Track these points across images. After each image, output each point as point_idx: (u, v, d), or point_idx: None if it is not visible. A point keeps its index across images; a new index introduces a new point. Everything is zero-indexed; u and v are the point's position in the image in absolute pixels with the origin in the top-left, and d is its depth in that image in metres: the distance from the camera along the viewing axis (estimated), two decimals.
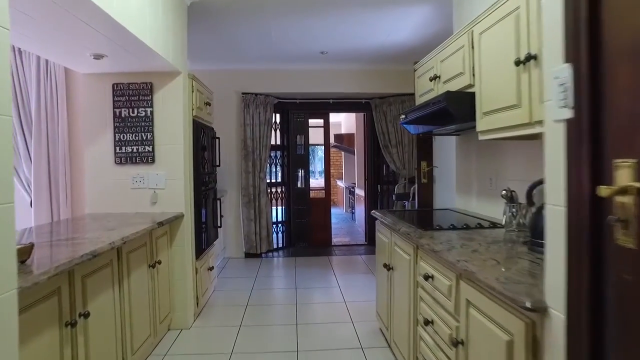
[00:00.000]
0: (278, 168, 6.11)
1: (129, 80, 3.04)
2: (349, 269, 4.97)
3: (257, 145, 5.55)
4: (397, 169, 5.81)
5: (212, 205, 3.91)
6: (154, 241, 2.69)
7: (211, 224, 3.87)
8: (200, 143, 3.44)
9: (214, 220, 3.95)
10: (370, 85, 5.63)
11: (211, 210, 3.86)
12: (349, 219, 10.11)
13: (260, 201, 5.60)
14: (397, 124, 5.74)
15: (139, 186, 3.06)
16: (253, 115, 5.52)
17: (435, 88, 2.63)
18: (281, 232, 6.16)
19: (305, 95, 5.80)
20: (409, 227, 2.23)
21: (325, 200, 6.36)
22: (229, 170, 5.56)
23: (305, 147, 6.15)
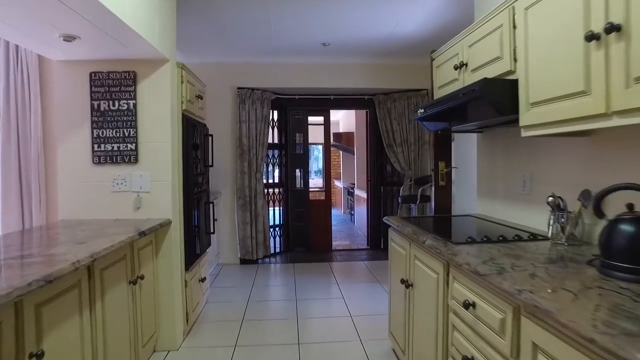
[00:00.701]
0: (275, 168, 5.76)
1: (109, 69, 2.67)
2: (352, 277, 4.63)
3: (253, 143, 5.19)
4: (402, 170, 5.47)
5: (205, 209, 3.55)
6: (136, 253, 2.33)
7: (203, 230, 3.51)
8: (191, 141, 3.08)
9: (206, 225, 3.59)
10: (374, 81, 5.29)
11: (203, 215, 3.50)
12: (348, 220, 9.77)
13: (256, 203, 5.24)
14: (402, 121, 5.40)
15: (120, 189, 2.70)
16: (249, 111, 5.16)
17: (461, 78, 2.29)
18: (279, 236, 5.80)
19: (304, 90, 5.45)
20: (435, 240, 1.89)
21: (325, 202, 6.02)
22: (223, 170, 5.20)
23: (304, 146, 5.80)
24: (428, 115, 2.43)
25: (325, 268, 5.01)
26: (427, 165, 5.38)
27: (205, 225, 3.55)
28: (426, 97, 5.32)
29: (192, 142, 3.10)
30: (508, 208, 2.46)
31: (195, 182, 3.20)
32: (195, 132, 3.24)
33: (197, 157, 3.31)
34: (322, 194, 6.04)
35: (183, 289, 2.91)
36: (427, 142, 5.34)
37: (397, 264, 2.50)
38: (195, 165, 3.23)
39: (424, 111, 2.45)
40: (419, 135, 5.37)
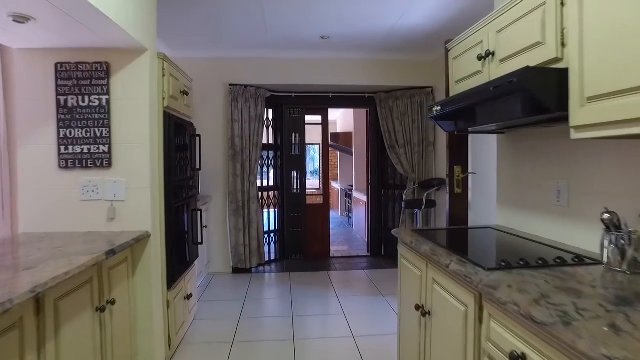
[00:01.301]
0: (270, 170, 5.42)
1: (78, 59, 2.32)
2: (353, 288, 4.30)
3: (246, 144, 4.84)
4: (405, 172, 5.15)
5: (192, 217, 3.20)
6: (105, 274, 1.99)
7: (190, 240, 3.17)
8: (175, 141, 2.74)
9: (193, 236, 3.24)
10: (375, 77, 4.96)
11: (190, 224, 3.16)
12: (345, 223, 9.44)
13: (250, 208, 4.89)
14: (406, 121, 5.08)
15: (91, 197, 2.35)
16: (242, 110, 4.82)
17: (486, 69, 1.96)
18: (274, 243, 5.46)
19: (301, 88, 5.11)
20: (461, 264, 1.56)
21: (323, 206, 5.68)
22: (214, 173, 4.85)
23: (301, 147, 5.46)
24: (445, 113, 2.10)
25: (323, 278, 4.68)
26: (432, 168, 5.05)
27: (192, 236, 3.20)
28: (431, 95, 5.00)
29: (175, 143, 2.76)
30: (536, 221, 2.13)
31: (180, 188, 2.86)
32: (180, 132, 2.90)
33: (182, 160, 2.97)
34: (320, 198, 5.71)
35: (165, 311, 2.56)
36: (432, 144, 5.02)
37: (410, 285, 2.17)
38: (180, 169, 2.89)
39: (440, 109, 2.12)
40: (424, 136, 5.05)
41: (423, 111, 5.03)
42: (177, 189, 2.80)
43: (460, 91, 2.14)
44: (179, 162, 2.90)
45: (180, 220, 2.89)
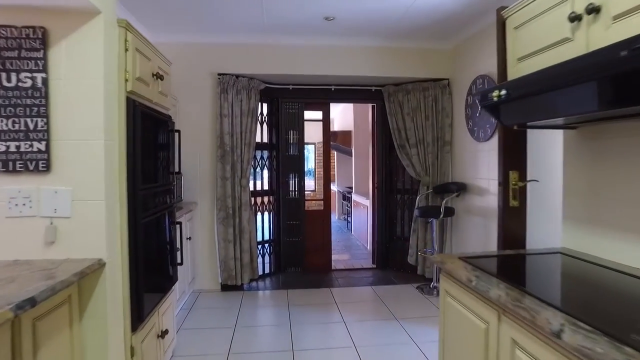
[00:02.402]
0: (264, 172, 4.79)
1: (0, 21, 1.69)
2: (361, 310, 3.70)
3: (237, 142, 4.22)
4: (417, 175, 4.56)
5: (169, 233, 2.58)
6: (28, 329, 1.36)
7: (168, 261, 2.54)
8: (145, 138, 2.11)
9: (170, 256, 2.61)
10: (384, 67, 4.36)
11: (166, 242, 2.53)
12: (344, 228, 8.85)
13: (241, 216, 4.27)
14: (418, 117, 4.49)
15: (21, 213, 1.71)
16: (232, 103, 4.19)
17: (581, 36, 1.37)
18: (268, 255, 4.83)
19: (300, 79, 4.50)
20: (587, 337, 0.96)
21: (324, 213, 5.07)
22: (200, 175, 4.21)
23: (299, 146, 4.85)
24: (511, 100, 1.51)
25: (325, 296, 4.07)
26: (449, 170, 4.47)
27: (169, 256, 2.58)
28: (447, 88, 4.41)
29: (146, 140, 2.14)
30: (630, 246, 1.55)
31: (152, 197, 2.23)
32: (152, 126, 2.27)
33: (156, 162, 2.34)
34: (320, 204, 5.10)
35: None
36: (449, 143, 4.43)
37: (464, 338, 1.57)
38: (152, 173, 2.26)
39: (505, 93, 1.52)
40: (439, 134, 4.46)
41: (438, 106, 4.44)
42: (148, 198, 2.18)
43: (530, 70, 1.55)
44: (151, 164, 2.27)
45: (151, 239, 2.26)
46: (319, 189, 11.34)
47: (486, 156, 3.68)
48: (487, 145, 3.65)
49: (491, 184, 3.59)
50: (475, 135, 3.82)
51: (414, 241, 4.58)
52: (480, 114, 3.71)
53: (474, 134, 3.85)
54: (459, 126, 4.25)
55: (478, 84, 3.74)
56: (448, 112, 4.41)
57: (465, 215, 4.09)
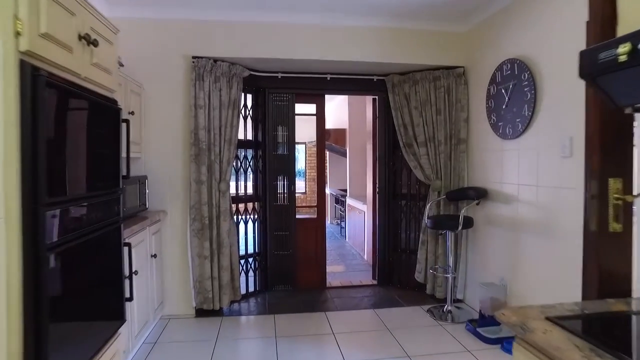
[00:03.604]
0: (249, 175, 4.11)
1: None
2: (365, 343, 3.04)
3: (215, 139, 3.53)
4: (427, 179, 3.93)
5: (114, 258, 1.89)
6: None
7: (109, 299, 1.86)
8: (63, 127, 1.43)
9: (115, 289, 1.93)
10: (388, 52, 3.72)
11: (110, 271, 1.85)
12: (337, 234, 8.19)
13: (220, 227, 3.58)
14: (428, 112, 3.85)
15: None
16: (210, 92, 3.50)
17: None
18: (253, 271, 4.15)
19: (291, 65, 3.83)
20: None
21: (317, 221, 4.41)
22: (169, 178, 3.51)
23: (289, 145, 4.18)
24: None
25: (320, 323, 3.41)
26: (464, 173, 3.84)
27: (111, 291, 1.89)
28: (462, 77, 3.78)
29: (66, 130, 1.45)
30: None
31: (76, 212, 1.55)
32: (80, 111, 1.58)
33: (91, 162, 1.66)
34: (313, 211, 4.43)
35: None
36: (464, 142, 3.80)
37: None
38: (78, 178, 1.57)
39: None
40: (452, 131, 3.82)
41: (451, 98, 3.81)
42: (68, 215, 1.49)
43: None
44: (81, 165, 1.59)
45: (78, 272, 1.58)
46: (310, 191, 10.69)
47: (515, 157, 3.06)
48: (516, 143, 3.02)
49: (522, 191, 2.97)
50: (501, 131, 3.19)
51: (423, 255, 3.94)
52: (509, 106, 3.08)
53: (499, 131, 3.22)
54: (478, 121, 3.62)
55: (505, 71, 3.12)
56: (463, 105, 3.78)
57: (486, 226, 3.46)
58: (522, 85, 2.91)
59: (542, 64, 2.71)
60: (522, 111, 2.90)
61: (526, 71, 2.85)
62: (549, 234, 2.65)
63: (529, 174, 2.88)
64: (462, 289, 3.85)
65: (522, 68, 2.89)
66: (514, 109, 3.02)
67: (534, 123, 2.82)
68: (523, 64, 2.88)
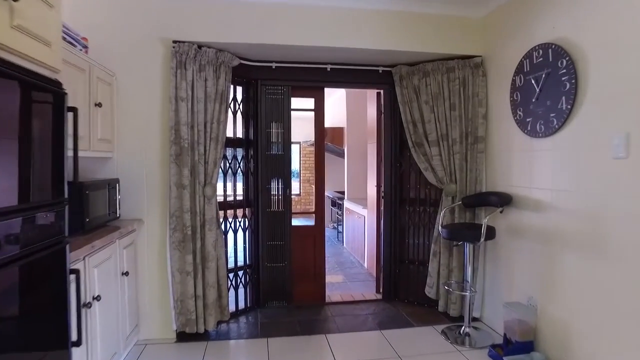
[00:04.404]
0: (238, 178, 3.65)
1: None
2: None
3: (200, 137, 3.07)
4: (439, 183, 3.49)
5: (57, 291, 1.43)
6: None
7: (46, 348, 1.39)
8: None
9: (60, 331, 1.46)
10: (396, 39, 3.28)
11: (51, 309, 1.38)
12: (333, 239, 7.75)
13: (204, 238, 3.11)
14: (440, 106, 3.42)
15: None
16: (194, 83, 3.04)
17: None
18: (243, 286, 3.68)
19: (286, 53, 3.37)
20: None
21: (316, 230, 3.95)
22: (146, 182, 3.04)
23: (284, 143, 3.73)
24: None
25: (320, 349, 2.96)
26: (482, 176, 3.41)
27: (53, 334, 1.42)
28: (481, 67, 3.35)
29: None
30: None
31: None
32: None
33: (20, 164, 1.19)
34: (311, 219, 3.97)
35: None
36: (483, 140, 3.37)
37: None
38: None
39: None
40: (468, 128, 3.39)
41: (467, 92, 3.38)
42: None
43: None
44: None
45: None
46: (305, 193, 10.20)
47: (547, 157, 2.63)
48: (550, 142, 2.60)
49: (558, 197, 2.54)
50: (530, 128, 2.77)
51: (434, 268, 3.51)
52: (540, 99, 2.65)
53: (527, 128, 2.80)
54: (499, 117, 3.20)
55: (536, 58, 2.69)
56: (481, 100, 3.35)
57: (510, 237, 3.03)
58: (558, 75, 2.48)
59: (588, 49, 2.28)
60: (559, 104, 2.48)
61: (564, 57, 2.42)
62: (597, 250, 2.23)
63: (566, 178, 2.46)
64: (479, 306, 3.42)
65: (559, 54, 2.46)
66: (547, 102, 2.59)
67: (574, 118, 2.39)
68: (561, 49, 2.45)
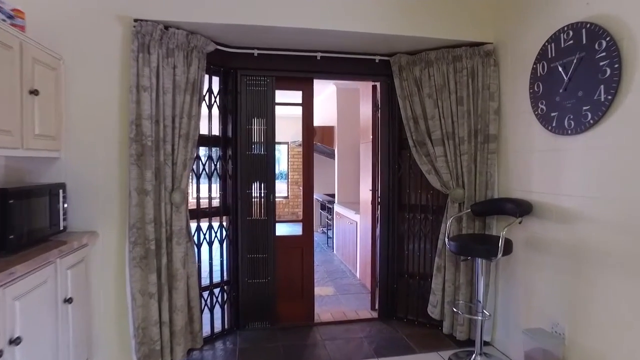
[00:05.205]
0: (214, 182, 3.17)
1: None
2: None
3: (167, 133, 2.59)
4: (444, 187, 3.07)
5: None
6: None
7: None
8: None
9: None
10: (395, 23, 2.85)
11: None
12: (323, 244, 7.31)
13: (172, 252, 2.64)
14: (446, 100, 3.00)
15: None
16: (159, 70, 2.56)
17: None
18: (220, 305, 3.20)
19: (270, 39, 2.91)
20: None
21: (304, 240, 3.49)
22: (100, 187, 2.55)
23: (267, 142, 3.26)
24: None
25: None
26: (494, 180, 2.99)
27: None
28: (492, 56, 2.94)
29: None
30: None
31: None
32: None
33: None
34: (298, 227, 3.51)
35: None
36: (495, 139, 2.95)
37: None
38: None
39: None
40: (478, 125, 2.97)
41: (476, 83, 2.96)
42: None
43: None
44: None
45: None
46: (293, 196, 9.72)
47: (579, 158, 2.21)
48: (582, 140, 2.19)
49: (592, 206, 2.12)
50: (555, 124, 2.35)
51: (439, 285, 3.08)
52: (570, 89, 2.23)
53: (551, 123, 2.38)
54: (514, 113, 2.78)
55: (564, 41, 2.27)
56: (493, 93, 2.93)
57: (529, 252, 2.62)
58: (595, 59, 2.07)
59: (637, 24, 1.87)
60: (595, 95, 2.06)
61: (604, 38, 2.01)
62: None
63: (604, 183, 2.05)
64: (489, 328, 3.00)
65: (597, 34, 2.05)
66: (579, 93, 2.17)
67: (615, 111, 1.98)
68: (599, 28, 2.04)
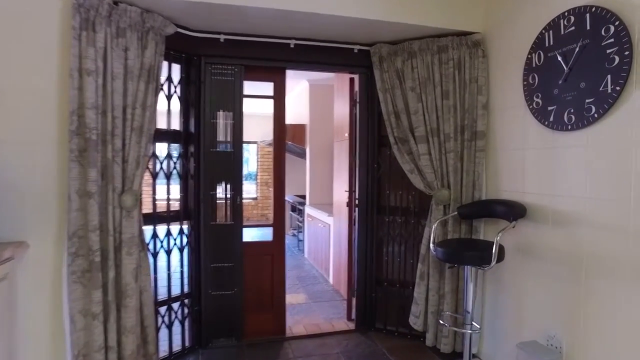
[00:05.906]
0: (172, 182, 2.80)
1: None
2: None
3: (116, 125, 2.22)
4: (428, 188, 2.83)
5: None
6: None
7: None
8: None
9: None
10: (376, 7, 2.58)
11: None
12: (293, 248, 6.99)
13: (121, 264, 2.26)
14: (430, 94, 2.77)
15: None
16: (107, 51, 2.18)
17: None
18: (180, 321, 2.84)
19: (238, 23, 2.58)
20: None
21: (274, 246, 3.17)
22: (32, 188, 2.14)
23: (235, 138, 2.93)
24: None
25: None
26: (482, 180, 2.78)
27: None
28: (479, 46, 2.73)
29: None
30: None
31: None
32: None
33: None
34: (268, 232, 3.18)
35: None
36: (483, 136, 2.74)
37: None
38: None
39: None
40: (465, 121, 2.75)
41: (463, 75, 2.74)
42: None
43: None
44: None
45: None
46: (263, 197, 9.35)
47: (580, 156, 2.02)
48: (583, 136, 1.99)
49: (594, 208, 1.93)
50: (552, 119, 2.15)
51: (421, 294, 2.84)
52: (570, 80, 2.04)
53: (548, 118, 2.18)
54: (505, 107, 2.58)
55: (564, 27, 2.07)
56: (482, 86, 2.72)
57: (521, 259, 2.41)
58: (601, 46, 1.87)
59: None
60: (600, 86, 1.87)
61: (612, 22, 1.81)
62: None
63: (609, 183, 1.85)
64: (476, 339, 2.79)
65: (603, 18, 1.85)
66: (581, 84, 1.98)
67: (624, 103, 1.79)
68: (605, 11, 1.84)
